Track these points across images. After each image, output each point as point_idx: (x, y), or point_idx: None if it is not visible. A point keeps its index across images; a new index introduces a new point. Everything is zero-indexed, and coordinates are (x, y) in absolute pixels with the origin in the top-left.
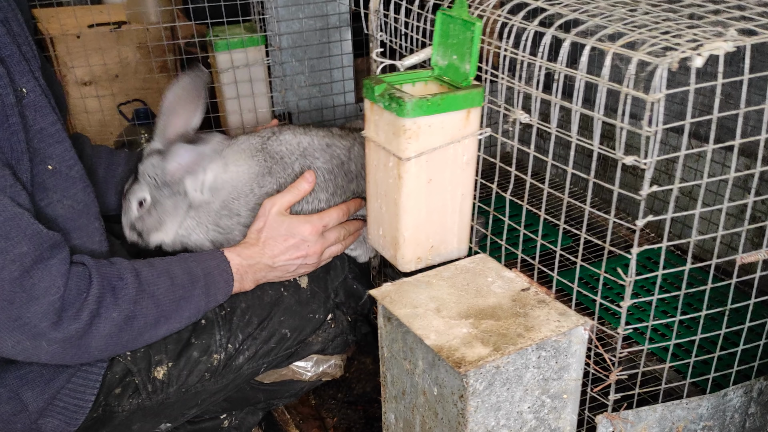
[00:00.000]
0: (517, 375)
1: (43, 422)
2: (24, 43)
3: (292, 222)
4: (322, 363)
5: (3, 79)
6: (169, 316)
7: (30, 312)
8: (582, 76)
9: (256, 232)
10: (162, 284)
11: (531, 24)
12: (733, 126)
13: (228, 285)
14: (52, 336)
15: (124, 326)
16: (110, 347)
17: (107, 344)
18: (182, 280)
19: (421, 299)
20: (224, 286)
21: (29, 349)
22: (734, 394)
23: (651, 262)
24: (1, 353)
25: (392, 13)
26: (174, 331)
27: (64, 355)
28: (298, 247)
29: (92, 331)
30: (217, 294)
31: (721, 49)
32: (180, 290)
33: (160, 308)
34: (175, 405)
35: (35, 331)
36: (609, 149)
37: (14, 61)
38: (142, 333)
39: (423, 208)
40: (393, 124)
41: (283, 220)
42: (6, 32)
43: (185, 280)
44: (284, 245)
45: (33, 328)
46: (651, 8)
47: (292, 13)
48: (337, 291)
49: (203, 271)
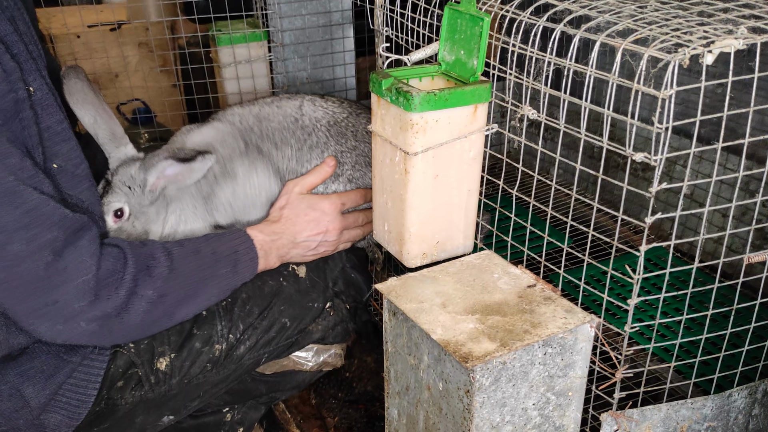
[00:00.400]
0: (523, 371)
1: (46, 417)
2: (30, 42)
3: (312, 198)
4: (322, 353)
5: (15, 74)
6: (197, 294)
7: (65, 294)
8: (592, 72)
9: (278, 210)
10: (191, 263)
11: (540, 20)
12: (735, 127)
13: (253, 262)
14: (89, 314)
15: (158, 303)
16: (145, 325)
17: (143, 321)
18: (209, 259)
19: (426, 294)
20: (250, 264)
21: (64, 332)
22: (738, 395)
23: (651, 263)
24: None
25: (398, 8)
26: (202, 309)
27: (101, 334)
28: (318, 222)
29: (129, 309)
30: (244, 271)
31: (732, 47)
32: (207, 269)
33: (188, 286)
34: (178, 397)
35: (70, 313)
36: (619, 146)
37: (22, 59)
38: (173, 311)
39: (429, 203)
40: (400, 118)
41: (304, 197)
42: (13, 30)
43: (212, 259)
44: (305, 220)
45: (68, 310)
46: (660, 5)
47: (294, 9)
48: (336, 280)
49: (229, 249)
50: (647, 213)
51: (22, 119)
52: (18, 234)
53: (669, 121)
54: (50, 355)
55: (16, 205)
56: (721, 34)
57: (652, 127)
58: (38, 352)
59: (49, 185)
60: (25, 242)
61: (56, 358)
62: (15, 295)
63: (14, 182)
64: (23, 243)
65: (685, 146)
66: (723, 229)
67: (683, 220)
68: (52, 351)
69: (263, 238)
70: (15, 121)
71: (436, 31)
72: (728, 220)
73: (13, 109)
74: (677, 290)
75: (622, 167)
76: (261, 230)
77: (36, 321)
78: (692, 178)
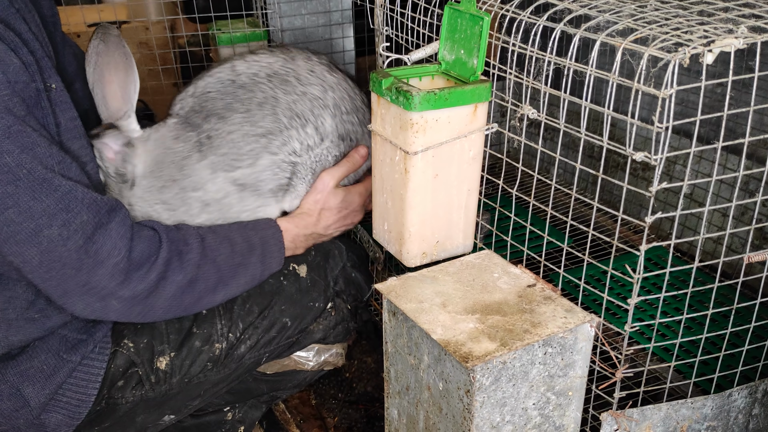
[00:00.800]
0: (523, 371)
1: (46, 417)
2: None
3: (346, 195)
4: (323, 352)
5: (33, 66)
6: (227, 282)
7: (98, 275)
8: (592, 71)
9: (313, 203)
10: (223, 251)
11: (540, 19)
12: (735, 126)
13: (280, 253)
14: (120, 294)
15: (186, 289)
16: (173, 308)
17: (170, 305)
18: (241, 247)
19: (426, 294)
20: (278, 255)
21: (99, 310)
22: (739, 395)
23: (651, 263)
24: (73, 312)
25: (398, 8)
26: (230, 297)
27: (130, 313)
28: (346, 218)
29: (158, 292)
30: (272, 262)
31: (732, 46)
32: (239, 257)
33: (219, 273)
34: (179, 396)
35: (104, 293)
36: (619, 146)
37: (38, 56)
38: (202, 297)
39: (429, 203)
40: (400, 117)
41: (338, 192)
42: (28, 29)
43: (244, 247)
44: (337, 216)
45: (102, 290)
46: (661, 5)
47: (294, 9)
48: (337, 279)
49: (260, 239)
50: (647, 213)
51: (43, 108)
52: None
53: (669, 121)
54: (50, 355)
55: (49, 192)
56: (721, 33)
57: (651, 126)
58: (38, 351)
59: (77, 169)
60: (61, 226)
61: (56, 357)
62: (50, 278)
63: (44, 171)
64: (59, 227)
65: (685, 146)
66: (723, 229)
67: (683, 220)
68: (52, 350)
69: (297, 232)
70: (38, 109)
71: (436, 30)
72: (728, 220)
73: (36, 98)
74: (677, 290)
75: (621, 167)
76: (296, 224)
77: (72, 300)
78: (692, 178)
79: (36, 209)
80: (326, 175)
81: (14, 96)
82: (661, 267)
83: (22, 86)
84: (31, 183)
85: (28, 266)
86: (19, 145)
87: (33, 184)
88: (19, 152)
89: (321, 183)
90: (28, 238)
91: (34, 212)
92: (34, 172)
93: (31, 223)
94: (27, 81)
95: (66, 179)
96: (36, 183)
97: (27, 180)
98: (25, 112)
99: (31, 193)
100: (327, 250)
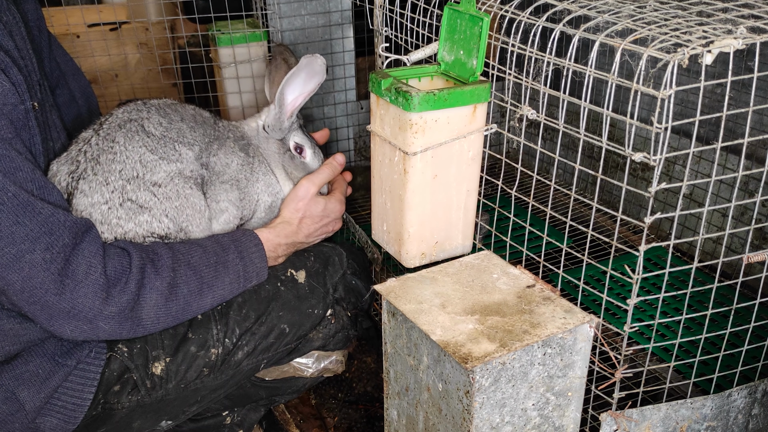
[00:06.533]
0: (523, 372)
1: (42, 421)
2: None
3: (327, 204)
4: (323, 359)
5: (22, 86)
6: (211, 283)
7: (80, 296)
8: (591, 72)
9: (294, 211)
10: (195, 253)
11: (539, 20)
12: (734, 127)
13: (258, 249)
14: (106, 312)
15: (169, 295)
16: (161, 318)
17: (157, 315)
18: (213, 247)
19: (426, 295)
20: (256, 251)
21: (88, 331)
22: (738, 395)
23: (650, 263)
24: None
25: (398, 8)
26: (223, 300)
27: (121, 330)
28: (327, 225)
29: (141, 302)
30: (253, 258)
31: (731, 47)
32: (213, 256)
33: (199, 275)
34: (175, 402)
35: (91, 314)
36: (618, 146)
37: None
38: (189, 302)
39: (428, 203)
40: (399, 118)
41: (319, 201)
42: (14, 46)
43: (216, 247)
44: (318, 224)
45: (88, 312)
46: (660, 5)
47: (294, 9)
48: (336, 287)
49: (231, 238)
50: (646, 213)
51: (30, 128)
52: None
53: (668, 121)
54: (45, 359)
55: (32, 216)
56: (720, 34)
57: (651, 127)
58: (33, 355)
59: (57, 194)
60: (44, 250)
61: (51, 361)
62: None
63: (26, 195)
64: (42, 251)
65: (685, 146)
66: (722, 229)
67: (682, 220)
68: (47, 354)
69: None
70: (25, 130)
71: (436, 31)
72: (727, 220)
73: (24, 119)
74: (677, 290)
75: (621, 167)
76: (276, 233)
77: (59, 323)
78: (691, 178)
79: (18, 234)
80: (307, 182)
81: (2, 118)
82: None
83: (10, 108)
84: (14, 207)
85: (11, 289)
86: (2, 170)
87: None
88: (2, 177)
89: (302, 190)
90: (10, 262)
91: (16, 237)
92: (20, 196)
93: (13, 248)
94: (16, 103)
95: (46, 203)
96: (21, 206)
97: (11, 204)
98: (12, 135)
99: (14, 218)
100: (327, 257)
